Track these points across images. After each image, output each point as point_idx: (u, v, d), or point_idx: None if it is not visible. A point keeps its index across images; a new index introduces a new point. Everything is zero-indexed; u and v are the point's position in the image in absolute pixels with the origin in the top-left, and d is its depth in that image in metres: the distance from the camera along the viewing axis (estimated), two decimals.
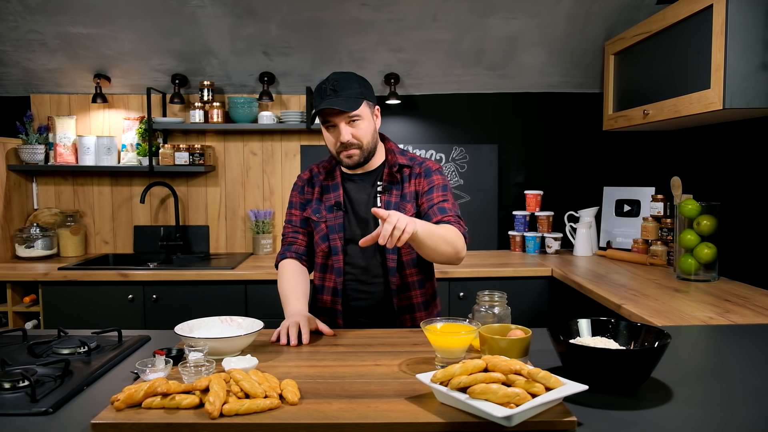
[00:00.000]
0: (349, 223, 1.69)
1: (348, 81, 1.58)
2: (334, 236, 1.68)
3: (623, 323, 1.26)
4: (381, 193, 1.68)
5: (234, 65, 3.02)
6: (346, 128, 1.58)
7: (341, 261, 1.68)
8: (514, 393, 0.97)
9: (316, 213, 1.72)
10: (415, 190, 1.68)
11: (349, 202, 1.70)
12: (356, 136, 1.59)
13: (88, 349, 1.36)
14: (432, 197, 1.66)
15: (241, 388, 1.05)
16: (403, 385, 1.15)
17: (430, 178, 1.69)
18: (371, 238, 1.33)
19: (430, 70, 3.08)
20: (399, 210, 1.65)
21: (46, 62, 2.97)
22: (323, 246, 1.71)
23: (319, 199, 1.73)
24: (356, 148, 1.60)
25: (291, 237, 1.78)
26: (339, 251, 1.68)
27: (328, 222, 1.69)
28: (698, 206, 2.32)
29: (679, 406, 1.05)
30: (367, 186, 1.70)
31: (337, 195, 1.70)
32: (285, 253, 1.76)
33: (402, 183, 1.69)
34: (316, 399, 1.07)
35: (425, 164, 1.72)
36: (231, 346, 1.30)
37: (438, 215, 1.61)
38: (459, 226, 1.60)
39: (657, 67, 2.41)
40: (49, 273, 2.64)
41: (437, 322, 1.30)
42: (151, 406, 1.03)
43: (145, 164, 3.05)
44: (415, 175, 1.69)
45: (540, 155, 3.29)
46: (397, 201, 1.67)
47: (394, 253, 1.66)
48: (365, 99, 1.60)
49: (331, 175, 1.74)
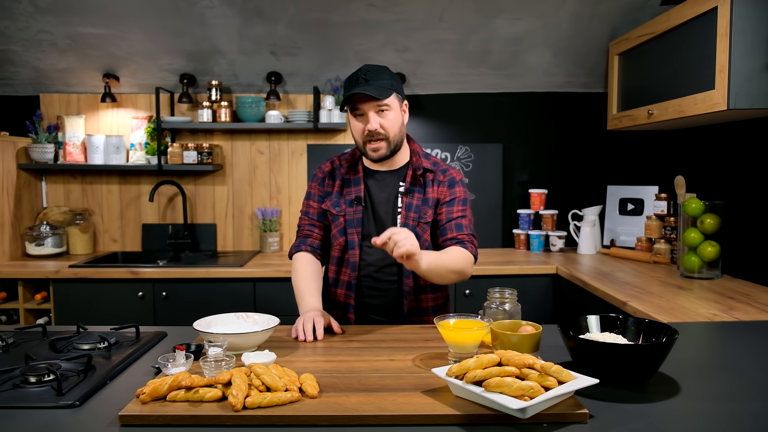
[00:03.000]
0: (368, 219, 1.70)
1: (380, 72, 1.60)
2: (352, 230, 1.68)
3: (631, 319, 1.29)
4: (403, 195, 1.69)
5: (242, 65, 3.05)
6: (375, 117, 1.58)
7: (357, 256, 1.68)
8: (528, 386, 1.00)
9: (336, 206, 1.72)
10: (437, 197, 1.70)
11: (369, 199, 1.70)
12: (384, 126, 1.59)
13: (108, 345, 1.39)
14: (452, 210, 1.68)
15: (263, 382, 1.08)
16: (418, 379, 1.18)
17: (453, 189, 1.71)
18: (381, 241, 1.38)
19: (436, 70, 3.11)
20: (419, 214, 1.68)
21: (56, 62, 3.00)
22: (341, 240, 1.71)
23: (340, 192, 1.73)
24: (383, 140, 1.60)
25: (307, 229, 1.78)
26: (356, 246, 1.68)
27: (347, 216, 1.69)
28: (702, 205, 2.34)
29: (686, 400, 1.08)
30: (389, 184, 1.71)
31: (359, 189, 1.70)
32: (300, 245, 1.77)
33: (425, 187, 1.70)
34: (334, 392, 1.10)
35: (449, 173, 1.73)
36: (249, 342, 1.33)
37: (454, 232, 1.66)
38: (471, 246, 1.65)
39: (661, 67, 2.44)
40: (60, 270, 2.67)
41: (450, 318, 1.33)
42: (176, 399, 1.06)
43: (154, 163, 3.08)
44: (438, 182, 1.71)
45: (544, 154, 3.32)
46: (418, 204, 1.68)
47: None
48: (395, 91, 1.61)
49: (354, 168, 1.74)
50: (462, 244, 1.64)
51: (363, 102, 1.58)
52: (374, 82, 1.57)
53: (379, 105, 1.57)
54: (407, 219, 1.67)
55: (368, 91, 1.54)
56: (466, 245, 1.64)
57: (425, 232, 1.69)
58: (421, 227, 1.68)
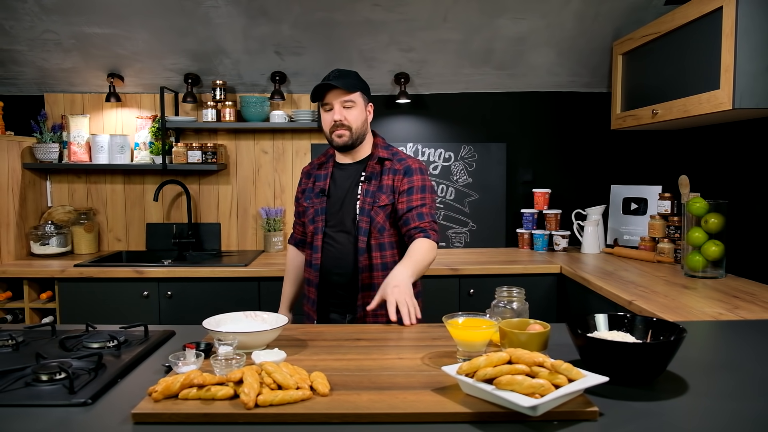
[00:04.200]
0: (331, 206, 1.91)
1: (348, 73, 1.85)
2: (318, 218, 1.91)
3: (639, 318, 1.30)
4: (363, 182, 1.88)
5: (246, 65, 3.05)
6: (340, 109, 1.81)
7: (320, 240, 1.90)
8: (538, 384, 1.00)
9: (308, 199, 1.96)
10: (393, 184, 1.87)
11: (334, 189, 1.92)
12: (348, 118, 1.82)
13: (118, 343, 1.40)
14: (412, 199, 1.85)
15: (274, 380, 1.09)
16: (428, 377, 1.18)
17: (410, 178, 1.88)
18: (391, 314, 1.60)
19: (440, 70, 3.12)
20: (374, 198, 1.86)
21: (61, 62, 3.01)
22: (311, 227, 1.94)
23: (312, 187, 1.97)
24: (346, 130, 1.83)
25: (294, 225, 2.12)
26: (320, 231, 1.90)
27: (315, 206, 1.93)
28: (706, 204, 2.35)
29: (695, 398, 1.08)
30: (352, 174, 1.91)
31: (324, 183, 1.93)
32: (290, 239, 2.15)
33: (381, 175, 1.88)
34: (345, 390, 1.11)
35: (406, 162, 1.90)
36: (259, 340, 1.34)
37: (416, 221, 1.84)
38: (433, 233, 1.84)
39: (666, 67, 2.44)
40: (65, 270, 2.68)
41: (458, 317, 1.34)
42: (188, 397, 1.07)
43: (158, 163, 3.08)
44: (394, 170, 1.88)
45: (548, 154, 3.33)
46: (374, 190, 1.87)
47: (365, 235, 1.85)
48: (360, 90, 1.84)
49: (324, 165, 1.98)
50: (424, 233, 1.82)
51: (331, 95, 1.81)
52: (342, 80, 1.81)
53: (344, 99, 1.80)
54: (364, 204, 1.86)
55: (334, 82, 1.78)
56: (429, 233, 1.83)
57: (378, 215, 1.87)
58: (375, 210, 1.86)
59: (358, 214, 1.87)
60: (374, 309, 1.68)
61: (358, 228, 1.86)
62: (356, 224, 1.87)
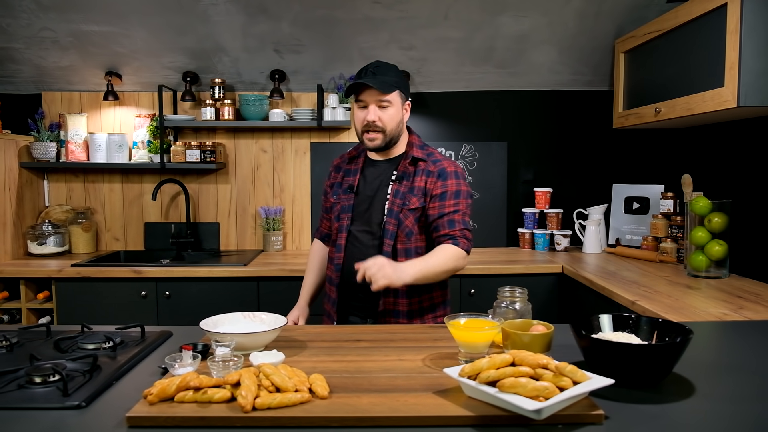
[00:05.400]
0: (359, 204, 1.82)
1: (387, 68, 1.72)
2: (343, 216, 1.82)
3: (644, 319, 1.28)
4: (393, 182, 1.78)
5: (245, 63, 3.03)
6: (375, 109, 1.69)
7: (344, 238, 1.81)
8: (543, 386, 0.98)
9: (335, 195, 1.88)
10: (425, 186, 1.75)
11: (364, 186, 1.82)
12: (382, 119, 1.70)
13: (114, 345, 1.37)
14: (444, 205, 1.73)
15: (272, 383, 1.07)
16: (429, 379, 1.16)
17: (445, 182, 1.74)
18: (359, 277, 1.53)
19: (441, 68, 3.10)
20: (404, 200, 1.75)
21: (58, 60, 2.99)
22: (336, 224, 1.85)
23: (341, 182, 1.88)
24: (379, 132, 1.71)
25: (321, 220, 2.03)
26: (344, 229, 1.81)
27: (341, 203, 1.84)
28: (709, 203, 2.33)
29: (702, 400, 1.06)
30: (384, 172, 1.81)
31: (354, 179, 1.84)
32: (315, 233, 2.07)
33: (414, 176, 1.77)
34: (345, 393, 1.09)
35: (441, 164, 1.77)
36: (257, 342, 1.31)
37: (446, 228, 1.71)
38: (463, 241, 1.70)
39: (669, 65, 2.42)
40: (63, 270, 2.66)
41: (460, 318, 1.31)
42: (184, 400, 1.04)
43: (157, 161, 3.06)
44: (428, 172, 1.76)
45: (549, 153, 3.30)
46: (405, 191, 1.76)
47: (391, 238, 1.74)
48: (399, 89, 1.72)
49: (355, 160, 1.88)
50: (454, 240, 1.70)
51: (366, 93, 1.69)
52: (380, 77, 1.68)
53: (380, 99, 1.68)
54: (393, 205, 1.76)
55: (371, 83, 1.65)
56: (458, 241, 1.70)
57: (407, 218, 1.75)
58: (404, 213, 1.75)
59: (385, 216, 1.75)
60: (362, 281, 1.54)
61: (384, 230, 1.75)
62: (383, 226, 1.75)
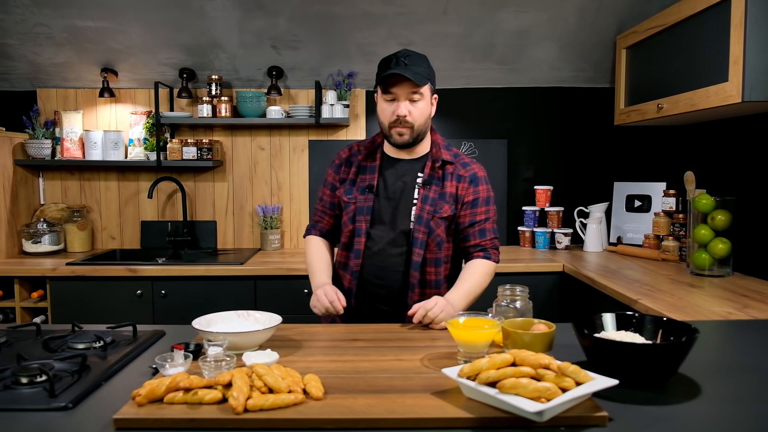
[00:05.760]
0: (379, 207, 1.67)
1: (419, 59, 1.59)
2: (361, 218, 1.67)
3: (648, 317, 1.24)
4: (421, 186, 1.66)
5: (242, 59, 3.00)
6: (406, 103, 1.57)
7: (362, 243, 1.67)
8: (544, 387, 0.95)
9: (348, 194, 1.71)
10: (456, 192, 1.66)
11: (384, 187, 1.68)
12: (413, 114, 1.58)
13: (104, 344, 1.34)
14: (476, 212, 1.67)
15: (265, 383, 1.04)
16: (427, 380, 1.13)
17: (477, 188, 1.68)
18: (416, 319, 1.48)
19: (440, 65, 3.05)
20: (435, 207, 1.65)
21: (53, 56, 2.95)
22: (350, 227, 1.70)
23: (354, 179, 1.71)
24: (408, 128, 1.59)
25: (318, 215, 1.82)
26: (362, 233, 1.66)
27: (358, 203, 1.68)
28: (712, 201, 2.29)
29: (708, 401, 1.03)
30: (406, 173, 1.68)
31: (372, 177, 1.69)
32: (311, 229, 1.84)
33: (443, 180, 1.66)
34: (340, 394, 1.05)
35: (471, 168, 1.70)
36: (250, 341, 1.28)
37: (477, 238, 1.67)
38: (494, 252, 1.70)
39: (672, 60, 2.38)
40: (57, 268, 2.62)
41: (459, 317, 1.28)
42: (173, 402, 1.01)
43: (153, 159, 3.02)
44: (458, 176, 1.67)
45: (550, 150, 3.27)
46: (435, 198, 1.65)
47: (421, 247, 1.64)
48: (431, 81, 1.60)
49: (372, 156, 1.72)
50: (485, 252, 1.67)
51: (398, 85, 1.56)
52: (412, 68, 1.54)
53: (413, 91, 1.56)
54: (422, 212, 1.64)
55: (407, 74, 1.52)
56: (489, 253, 1.67)
57: (439, 227, 1.66)
58: (436, 222, 1.65)
59: (414, 223, 1.64)
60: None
61: (413, 239, 1.63)
62: (410, 234, 1.64)
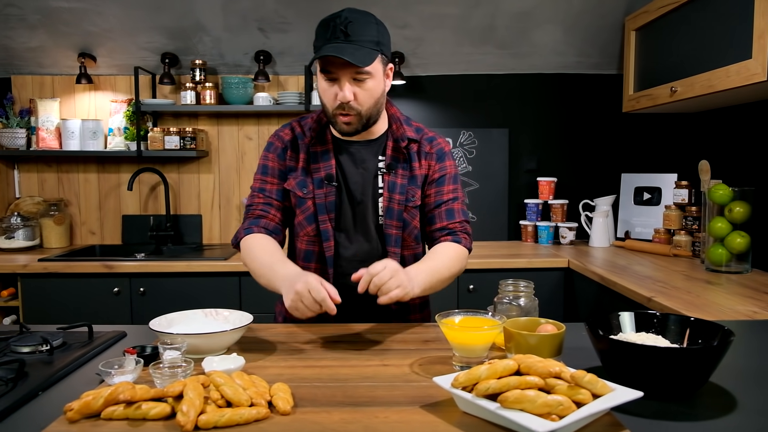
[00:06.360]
0: (342, 203, 1.41)
1: (365, 25, 1.27)
2: (324, 217, 1.39)
3: (672, 317, 1.08)
4: (384, 172, 1.41)
5: (227, 43, 2.83)
6: (349, 86, 1.28)
7: (332, 249, 1.40)
8: (556, 402, 0.79)
9: (303, 187, 1.41)
10: (425, 173, 1.44)
11: (342, 178, 1.41)
12: (359, 98, 1.30)
13: (51, 348, 1.18)
14: (442, 191, 1.44)
15: (222, 395, 0.87)
16: (417, 389, 0.97)
17: (443, 164, 1.45)
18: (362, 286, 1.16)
19: (438, 49, 2.89)
20: (406, 196, 1.41)
21: (27, 40, 2.78)
22: (309, 229, 1.41)
23: (306, 168, 1.41)
24: (355, 115, 1.32)
25: (260, 210, 1.43)
26: (330, 236, 1.39)
27: (317, 199, 1.39)
28: (730, 192, 2.13)
29: (746, 415, 0.87)
30: (365, 160, 1.42)
31: (329, 166, 1.40)
32: (251, 227, 1.41)
33: (410, 162, 1.43)
34: (312, 407, 0.89)
35: (437, 142, 1.47)
36: (214, 344, 1.11)
37: (444, 220, 1.43)
38: (464, 237, 1.43)
39: (687, 40, 2.21)
40: (29, 265, 2.46)
41: (455, 315, 1.12)
42: (112, 417, 0.85)
43: (134, 149, 2.86)
44: (425, 154, 1.44)
45: (553, 140, 3.11)
46: (404, 183, 1.42)
47: (396, 245, 1.41)
48: (381, 52, 1.30)
49: (321, 138, 1.42)
50: (454, 235, 1.42)
51: (337, 66, 1.27)
52: (356, 40, 1.25)
53: (357, 71, 1.27)
54: (391, 202, 1.40)
55: (345, 56, 1.22)
56: (459, 237, 1.42)
57: (414, 218, 1.43)
58: (410, 212, 1.42)
59: (383, 217, 1.41)
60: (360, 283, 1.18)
61: (386, 236, 1.41)
62: (381, 231, 1.42)
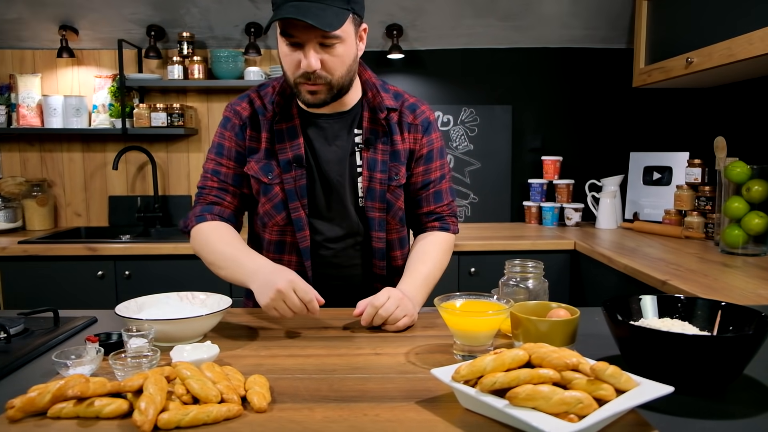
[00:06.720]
0: (314, 186, 1.25)
1: None
2: (296, 204, 1.23)
3: (700, 301, 0.97)
4: (363, 148, 1.24)
5: (216, 14, 2.68)
6: (315, 53, 1.09)
7: (308, 239, 1.25)
8: (574, 399, 0.67)
9: (268, 172, 1.23)
10: (410, 147, 1.27)
11: (314, 158, 1.24)
12: (328, 66, 1.11)
13: (8, 336, 1.06)
14: (430, 168, 1.30)
15: (188, 390, 0.76)
16: (412, 382, 0.85)
17: (430, 137, 1.29)
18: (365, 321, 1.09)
19: (438, 21, 2.75)
20: (389, 174, 1.25)
21: (4, 12, 2.64)
22: (278, 218, 1.25)
23: (270, 149, 1.23)
24: (322, 84, 1.12)
25: (214, 195, 1.26)
26: (304, 225, 1.24)
27: (286, 184, 1.22)
28: (748, 169, 2.01)
29: None
30: (338, 136, 1.24)
31: (296, 145, 1.22)
32: (204, 214, 1.25)
33: (390, 134, 1.25)
34: (292, 403, 0.78)
35: (420, 111, 1.29)
36: (186, 330, 1.00)
37: (432, 204, 1.31)
38: (453, 221, 1.35)
39: (703, 8, 2.07)
40: (8, 247, 2.34)
41: (456, 299, 1.00)
42: (60, 416, 0.74)
43: (119, 127, 2.73)
44: (408, 125, 1.27)
45: (559, 117, 2.97)
46: (386, 159, 1.24)
47: (380, 229, 1.27)
48: (353, 12, 1.10)
49: (286, 114, 1.23)
50: (442, 221, 1.33)
51: (299, 30, 1.07)
52: (319, 9, 1.04)
53: (325, 36, 1.08)
54: (372, 182, 1.24)
55: (309, 18, 1.03)
56: (447, 222, 1.34)
57: (398, 199, 1.29)
58: (393, 192, 1.27)
59: (364, 199, 1.26)
60: None
61: (369, 220, 1.26)
62: (362, 213, 1.27)
